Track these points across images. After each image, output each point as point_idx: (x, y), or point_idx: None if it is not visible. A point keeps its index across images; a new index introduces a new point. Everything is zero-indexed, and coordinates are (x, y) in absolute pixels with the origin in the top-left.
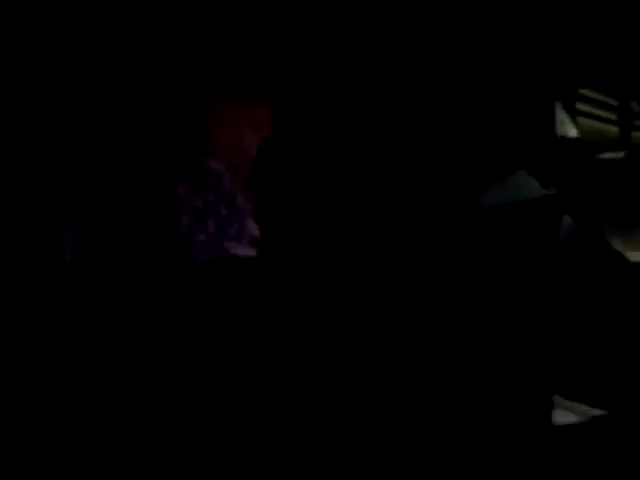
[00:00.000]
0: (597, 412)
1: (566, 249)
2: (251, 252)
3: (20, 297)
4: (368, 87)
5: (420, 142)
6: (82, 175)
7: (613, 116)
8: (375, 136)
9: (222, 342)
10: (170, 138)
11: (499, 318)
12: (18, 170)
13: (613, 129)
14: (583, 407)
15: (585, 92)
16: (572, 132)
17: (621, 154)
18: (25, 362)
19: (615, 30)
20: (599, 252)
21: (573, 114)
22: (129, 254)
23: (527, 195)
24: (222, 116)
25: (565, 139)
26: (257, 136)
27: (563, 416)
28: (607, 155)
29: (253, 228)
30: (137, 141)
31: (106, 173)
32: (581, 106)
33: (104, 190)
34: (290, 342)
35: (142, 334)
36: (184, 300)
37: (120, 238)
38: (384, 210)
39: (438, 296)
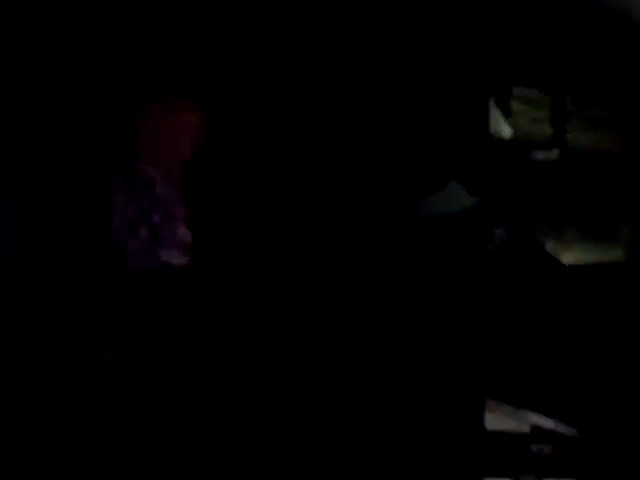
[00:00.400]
0: (531, 417)
1: (497, 257)
2: (183, 259)
3: None
4: (300, 88)
5: (349, 148)
6: (9, 177)
7: (546, 115)
8: (307, 140)
9: (152, 351)
10: (101, 141)
11: (430, 325)
12: None
13: (546, 128)
14: (517, 411)
15: (518, 90)
16: (506, 132)
17: (554, 154)
18: None
19: (547, 25)
20: (533, 255)
21: (506, 113)
22: (59, 259)
23: (457, 207)
24: (154, 119)
25: (499, 139)
26: (190, 139)
27: (497, 421)
28: (540, 155)
29: (185, 234)
30: (67, 143)
31: (35, 174)
32: (514, 105)
33: (33, 191)
34: (222, 349)
35: (69, 342)
36: (115, 307)
37: (50, 242)
38: (317, 217)
39: (367, 304)
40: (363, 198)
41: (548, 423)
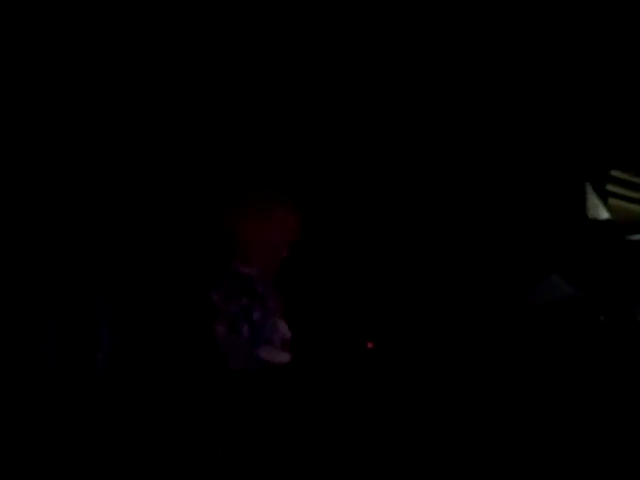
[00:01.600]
0: None
1: (601, 342)
2: (283, 355)
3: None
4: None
5: (450, 242)
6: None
7: None
8: (408, 239)
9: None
10: (199, 244)
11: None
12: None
13: None
14: None
15: (615, 173)
16: (603, 214)
17: None
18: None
19: None
20: (633, 335)
21: (603, 195)
22: (163, 364)
23: (559, 295)
24: (251, 220)
25: (596, 221)
26: (287, 238)
27: None
28: (637, 236)
29: (285, 330)
30: (169, 248)
31: (138, 283)
32: (611, 187)
33: (138, 299)
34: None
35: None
36: (218, 406)
37: (154, 346)
38: (418, 310)
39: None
40: (466, 288)
41: None
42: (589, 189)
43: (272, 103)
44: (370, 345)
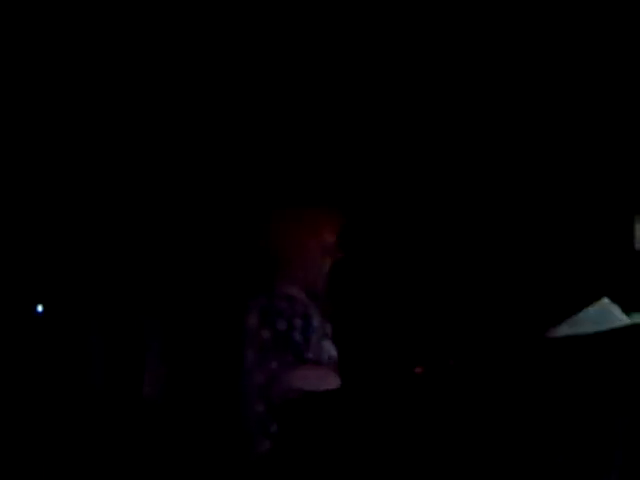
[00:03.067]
0: None
1: None
2: (331, 379)
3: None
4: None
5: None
6: (157, 302)
7: None
8: (444, 259)
9: None
10: (238, 263)
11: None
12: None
13: None
14: None
15: None
16: None
17: None
18: None
19: None
20: None
21: None
22: (202, 394)
23: (609, 325)
24: (291, 238)
25: None
26: (328, 254)
27: None
28: None
29: (331, 349)
30: (212, 269)
31: (176, 302)
32: None
33: (178, 318)
34: None
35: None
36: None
37: (193, 376)
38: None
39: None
40: (515, 316)
41: None
42: (637, 220)
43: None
44: (419, 370)
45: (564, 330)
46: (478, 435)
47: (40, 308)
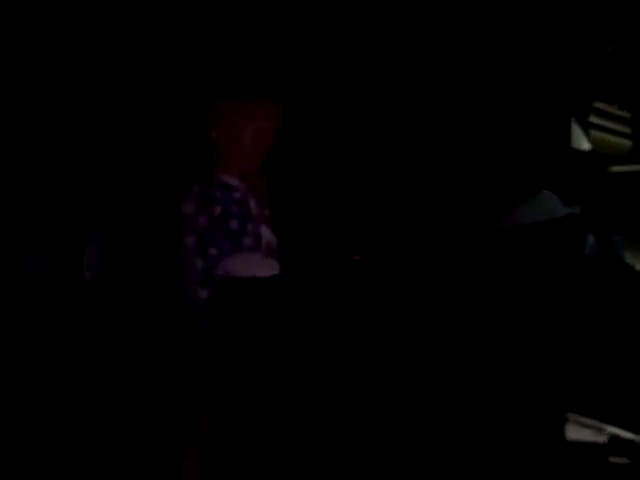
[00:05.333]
0: (611, 428)
1: (588, 266)
2: (269, 265)
3: (38, 315)
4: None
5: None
6: (94, 190)
7: (626, 129)
8: (391, 141)
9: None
10: (175, 150)
11: (516, 334)
12: (33, 186)
13: (626, 142)
14: (597, 423)
15: (599, 105)
16: (585, 145)
17: (633, 167)
18: (42, 375)
19: (628, 43)
20: (612, 265)
21: (586, 127)
22: (142, 277)
23: (550, 215)
24: (228, 127)
25: (579, 152)
26: (265, 143)
27: (577, 432)
28: (619, 168)
29: (269, 236)
30: (143, 153)
31: (114, 188)
32: (594, 119)
33: (116, 205)
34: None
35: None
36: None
37: (134, 256)
38: (398, 220)
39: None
40: (455, 206)
41: (626, 434)
42: (573, 121)
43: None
44: (358, 257)
45: (507, 221)
46: (416, 323)
47: None
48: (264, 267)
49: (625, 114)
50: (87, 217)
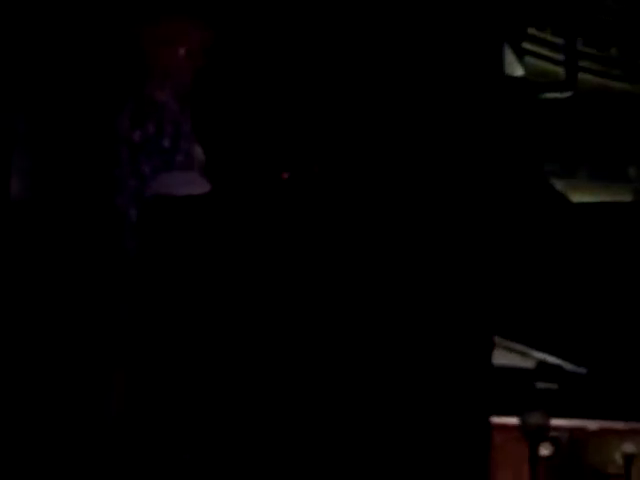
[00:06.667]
0: (536, 353)
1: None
2: (201, 184)
3: None
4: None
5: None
6: (26, 103)
7: (559, 56)
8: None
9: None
10: (108, 65)
11: (443, 262)
12: None
13: (559, 69)
14: (523, 347)
15: (532, 31)
16: (518, 72)
17: (566, 94)
18: None
19: None
20: (543, 193)
21: (520, 54)
22: (73, 192)
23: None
24: (163, 43)
25: (511, 79)
26: (197, 60)
27: (503, 356)
28: (552, 95)
29: (201, 155)
30: (75, 69)
31: (46, 103)
32: (527, 45)
33: (47, 121)
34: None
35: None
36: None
37: (64, 173)
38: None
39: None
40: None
41: (553, 360)
42: (506, 47)
43: None
44: (285, 175)
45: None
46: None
47: None
48: (195, 186)
49: (558, 40)
50: (14, 130)
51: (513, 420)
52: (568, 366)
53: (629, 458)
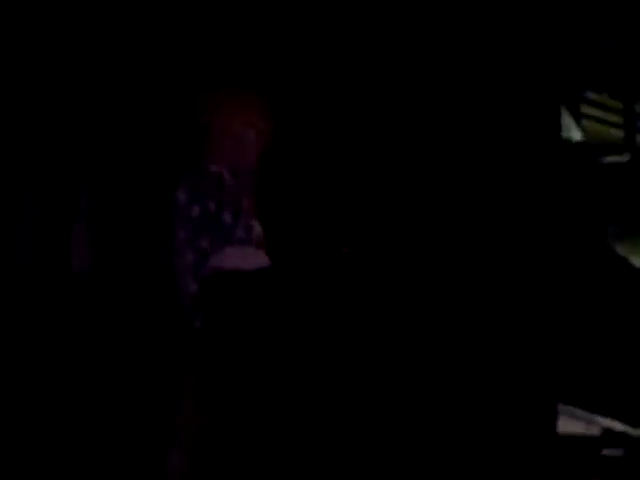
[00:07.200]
0: (602, 420)
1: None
2: (259, 257)
3: (24, 307)
4: (370, 85)
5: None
6: (84, 176)
7: (617, 119)
8: (382, 136)
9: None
10: (168, 140)
11: (507, 327)
12: (19, 172)
13: (617, 132)
14: (587, 414)
15: (590, 95)
16: (576, 135)
17: (625, 157)
18: (27, 369)
19: (619, 33)
20: (605, 257)
21: (578, 117)
22: (133, 264)
23: None
24: (222, 118)
25: (570, 143)
26: (259, 137)
27: (567, 424)
28: (611, 158)
29: (260, 230)
30: (136, 142)
31: (107, 176)
32: (585, 109)
33: (108, 194)
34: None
35: (146, 346)
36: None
37: (124, 245)
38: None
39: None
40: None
41: (619, 426)
42: (563, 110)
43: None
44: (346, 250)
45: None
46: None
47: None
48: (255, 260)
49: (616, 104)
50: (76, 202)
51: None
52: (634, 432)
53: None
